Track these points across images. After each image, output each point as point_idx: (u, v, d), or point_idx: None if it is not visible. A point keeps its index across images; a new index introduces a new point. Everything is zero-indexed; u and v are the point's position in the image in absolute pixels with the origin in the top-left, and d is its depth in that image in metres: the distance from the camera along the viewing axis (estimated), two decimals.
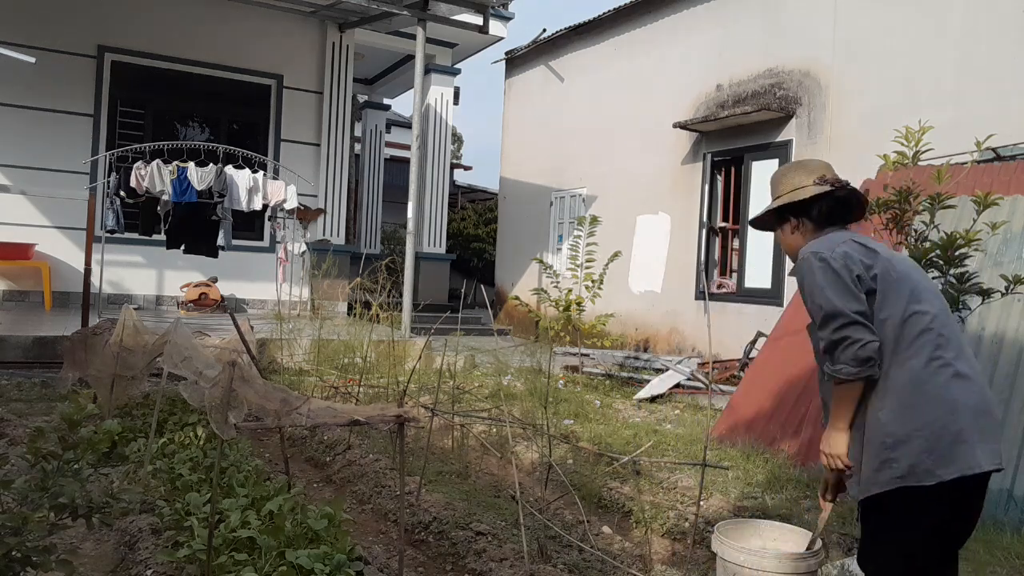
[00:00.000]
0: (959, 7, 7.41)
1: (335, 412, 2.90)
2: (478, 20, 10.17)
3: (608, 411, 6.64)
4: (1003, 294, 4.34)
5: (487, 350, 8.79)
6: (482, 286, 13.05)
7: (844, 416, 2.20)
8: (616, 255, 8.41)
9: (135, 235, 9.69)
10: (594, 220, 8.45)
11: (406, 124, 18.63)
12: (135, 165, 8.98)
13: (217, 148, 9.66)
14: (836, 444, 2.22)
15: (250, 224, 10.85)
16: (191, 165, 9.20)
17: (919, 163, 5.41)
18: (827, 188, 2.39)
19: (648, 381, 7.94)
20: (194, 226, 9.50)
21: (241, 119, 11.72)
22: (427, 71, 12.18)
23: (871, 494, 2.15)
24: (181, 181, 9.12)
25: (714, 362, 8.39)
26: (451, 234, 16.53)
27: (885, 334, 2.17)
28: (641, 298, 11.04)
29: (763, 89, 9.33)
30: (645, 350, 10.47)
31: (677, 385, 7.73)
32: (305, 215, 10.92)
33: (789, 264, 8.77)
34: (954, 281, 4.30)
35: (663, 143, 10.71)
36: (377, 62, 13.69)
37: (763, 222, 2.62)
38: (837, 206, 2.43)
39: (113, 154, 9.38)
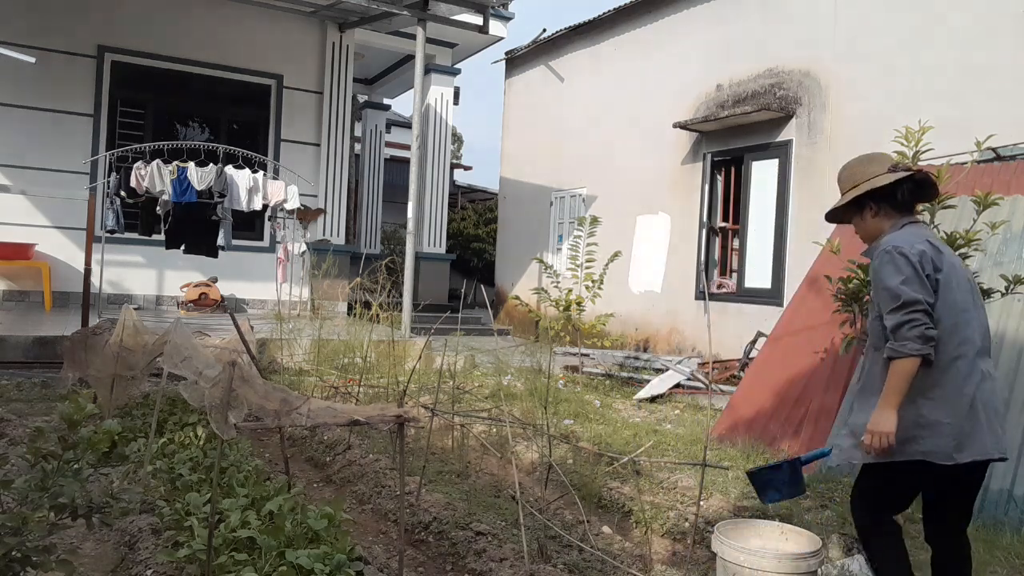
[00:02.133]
0: (959, 7, 7.41)
1: (335, 412, 2.90)
2: (478, 20, 10.17)
3: (608, 411, 6.64)
4: (1003, 294, 4.34)
5: (487, 350, 8.79)
6: (482, 286, 13.06)
7: (898, 395, 2.44)
8: (616, 255, 8.41)
9: (135, 235, 9.69)
10: (594, 220, 8.45)
11: (406, 124, 18.63)
12: (135, 165, 8.98)
13: (217, 148, 9.66)
14: (887, 423, 2.44)
15: (250, 224, 10.86)
16: (191, 165, 9.19)
17: (919, 163, 5.41)
18: (906, 173, 2.66)
19: (648, 381, 7.95)
20: (194, 226, 9.50)
21: (241, 119, 11.72)
22: (427, 71, 12.18)
23: (894, 459, 2.49)
24: (181, 181, 9.12)
25: (714, 362, 8.39)
26: (451, 234, 16.53)
27: (938, 330, 2.47)
28: (641, 298, 11.04)
29: (763, 89, 9.32)
30: (645, 350, 10.47)
31: (677, 385, 7.73)
32: (305, 215, 10.92)
33: (789, 265, 8.81)
34: None
35: (663, 143, 10.71)
36: (377, 62, 13.69)
37: (839, 215, 2.88)
38: (917, 189, 2.71)
39: (113, 154, 9.38)
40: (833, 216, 2.94)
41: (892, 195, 2.68)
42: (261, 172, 9.79)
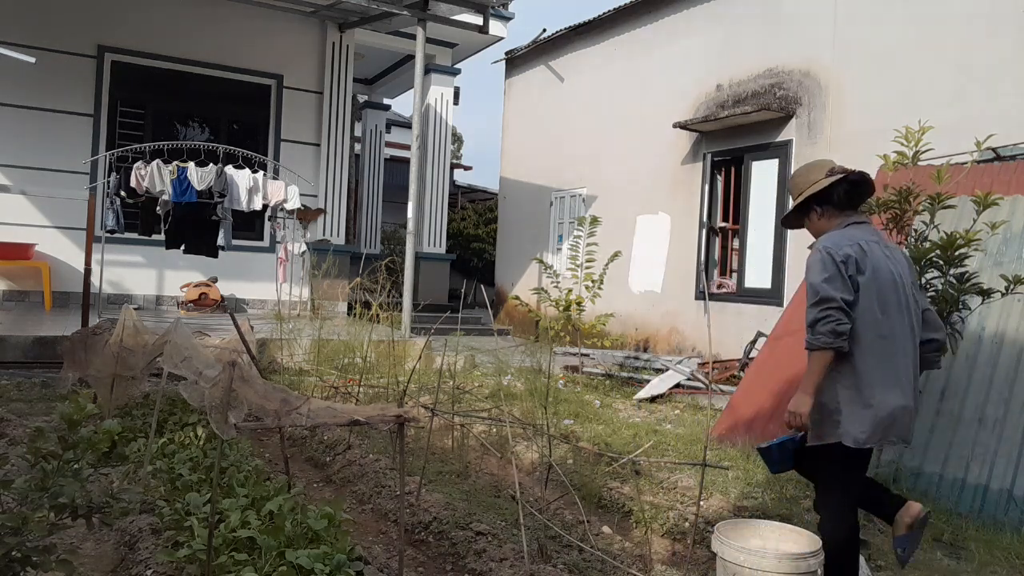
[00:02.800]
0: (959, 7, 7.41)
1: (335, 412, 2.90)
2: (478, 20, 10.17)
3: (608, 411, 6.64)
4: (1003, 294, 4.34)
5: (487, 350, 8.79)
6: (482, 286, 13.06)
7: (814, 383, 2.76)
8: (616, 255, 8.41)
9: (135, 235, 9.69)
10: (594, 220, 8.45)
11: (406, 124, 18.63)
12: (135, 165, 8.98)
13: (217, 148, 9.66)
14: (803, 405, 2.78)
15: (250, 224, 10.85)
16: (191, 165, 9.19)
17: (919, 163, 5.41)
18: (840, 176, 2.93)
19: (648, 381, 7.94)
20: (194, 226, 9.49)
21: (241, 119, 11.72)
22: (427, 71, 12.18)
23: (817, 443, 2.84)
24: (181, 181, 9.12)
25: (714, 362, 8.39)
26: (451, 234, 16.53)
27: (854, 327, 2.74)
28: (641, 298, 11.04)
29: (763, 89, 9.33)
30: (645, 350, 10.47)
31: (677, 385, 7.73)
32: (305, 215, 10.92)
33: (789, 264, 8.81)
34: (954, 281, 4.30)
35: (663, 143, 10.71)
36: (377, 62, 13.69)
37: (791, 221, 3.16)
38: (853, 188, 2.95)
39: (113, 154, 9.37)
40: (788, 222, 3.21)
41: (830, 197, 2.95)
42: (261, 172, 9.79)
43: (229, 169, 9.45)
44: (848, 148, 8.17)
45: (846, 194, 2.94)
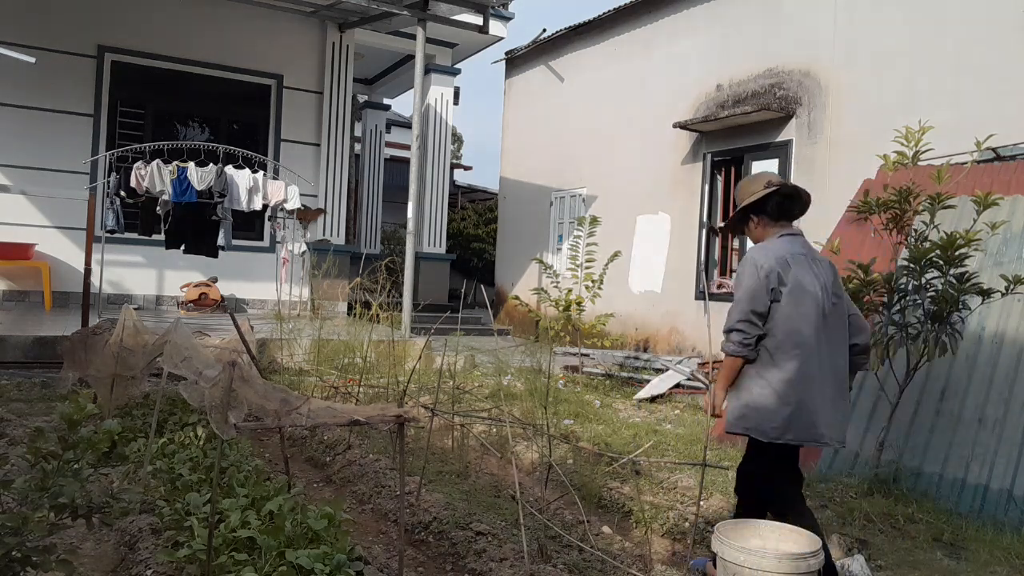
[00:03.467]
0: (958, 7, 7.41)
1: (335, 412, 2.90)
2: (478, 20, 10.17)
3: (608, 411, 6.64)
4: (1003, 294, 4.34)
5: (487, 350, 8.79)
6: (482, 286, 13.04)
7: (727, 380, 3.11)
8: (616, 255, 8.40)
9: (135, 235, 9.69)
10: (594, 220, 8.45)
11: (406, 124, 18.63)
12: (135, 165, 8.98)
13: (217, 148, 9.66)
14: (717, 399, 3.16)
15: (250, 224, 10.85)
16: (191, 165, 9.19)
17: (919, 163, 5.41)
18: (774, 189, 3.18)
19: (648, 381, 7.94)
20: (194, 226, 9.49)
21: (241, 119, 11.72)
22: (427, 71, 12.18)
23: (732, 431, 3.17)
24: (181, 181, 9.12)
25: (714, 362, 8.37)
26: (451, 234, 16.52)
27: (774, 334, 3.01)
28: (641, 298, 11.03)
29: (763, 89, 9.32)
30: (645, 350, 10.47)
31: (677, 385, 7.73)
32: (305, 215, 10.92)
33: None
34: (954, 281, 4.30)
35: (663, 143, 10.71)
36: (377, 62, 13.69)
37: (732, 227, 3.42)
38: (786, 200, 3.20)
39: (113, 154, 9.37)
40: (727, 229, 3.50)
41: (765, 207, 3.19)
42: (261, 172, 9.79)
43: (229, 169, 9.45)
44: (848, 148, 8.18)
45: (779, 206, 3.18)
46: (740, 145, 9.64)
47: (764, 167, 9.37)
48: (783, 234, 3.17)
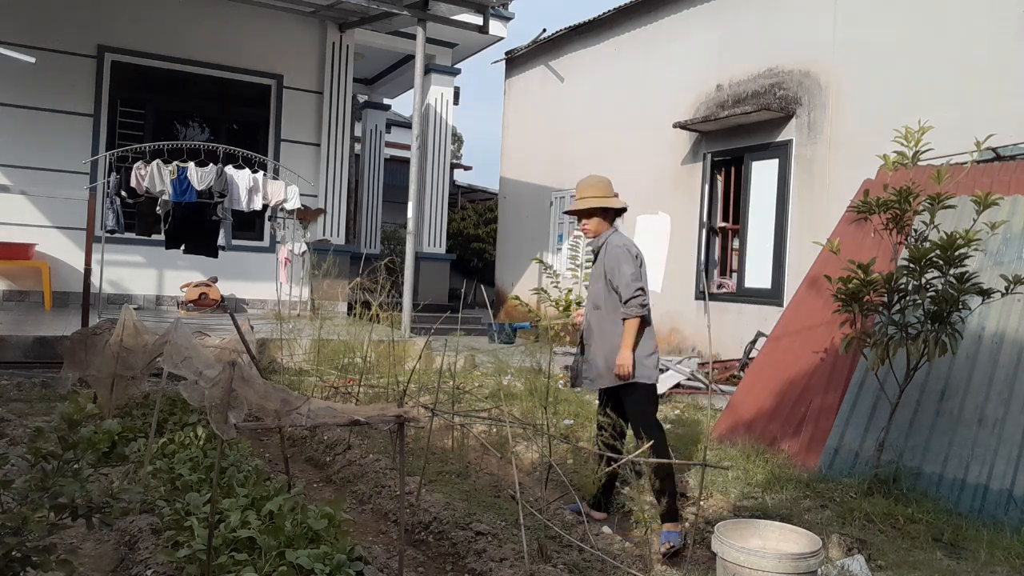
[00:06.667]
0: (959, 7, 7.41)
1: (335, 412, 2.90)
2: (478, 20, 10.16)
3: None
4: (1003, 294, 4.34)
5: (487, 350, 8.79)
6: (482, 286, 13.04)
7: (632, 342, 3.83)
8: None
9: (135, 235, 9.68)
10: None
11: (406, 124, 18.62)
12: (135, 165, 8.97)
13: (217, 148, 9.66)
14: (628, 359, 3.81)
15: (250, 224, 10.85)
16: (191, 165, 9.19)
17: (919, 163, 5.41)
18: (625, 204, 4.16)
19: None
20: (194, 226, 9.49)
21: (241, 119, 11.72)
22: (427, 71, 12.18)
23: (637, 381, 3.90)
24: (181, 181, 9.12)
25: (714, 362, 8.38)
26: (451, 234, 16.52)
27: None
28: None
29: (763, 89, 9.32)
30: None
31: (677, 385, 7.73)
32: (305, 215, 10.92)
33: (789, 265, 8.81)
34: (954, 281, 4.30)
35: (663, 143, 10.71)
36: (377, 62, 13.69)
37: (579, 211, 4.06)
38: (620, 212, 4.18)
39: (113, 154, 9.37)
40: (574, 211, 4.10)
41: (619, 213, 4.13)
42: (261, 172, 9.78)
43: (229, 169, 9.44)
44: (848, 148, 8.18)
45: (617, 214, 4.15)
46: (740, 145, 9.64)
47: (764, 167, 9.38)
48: (616, 229, 4.10)
